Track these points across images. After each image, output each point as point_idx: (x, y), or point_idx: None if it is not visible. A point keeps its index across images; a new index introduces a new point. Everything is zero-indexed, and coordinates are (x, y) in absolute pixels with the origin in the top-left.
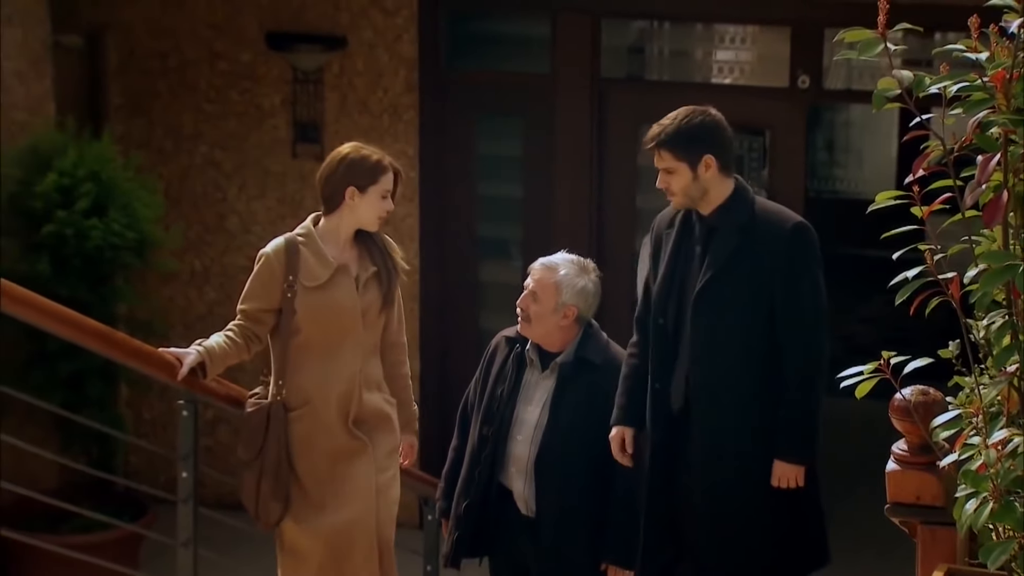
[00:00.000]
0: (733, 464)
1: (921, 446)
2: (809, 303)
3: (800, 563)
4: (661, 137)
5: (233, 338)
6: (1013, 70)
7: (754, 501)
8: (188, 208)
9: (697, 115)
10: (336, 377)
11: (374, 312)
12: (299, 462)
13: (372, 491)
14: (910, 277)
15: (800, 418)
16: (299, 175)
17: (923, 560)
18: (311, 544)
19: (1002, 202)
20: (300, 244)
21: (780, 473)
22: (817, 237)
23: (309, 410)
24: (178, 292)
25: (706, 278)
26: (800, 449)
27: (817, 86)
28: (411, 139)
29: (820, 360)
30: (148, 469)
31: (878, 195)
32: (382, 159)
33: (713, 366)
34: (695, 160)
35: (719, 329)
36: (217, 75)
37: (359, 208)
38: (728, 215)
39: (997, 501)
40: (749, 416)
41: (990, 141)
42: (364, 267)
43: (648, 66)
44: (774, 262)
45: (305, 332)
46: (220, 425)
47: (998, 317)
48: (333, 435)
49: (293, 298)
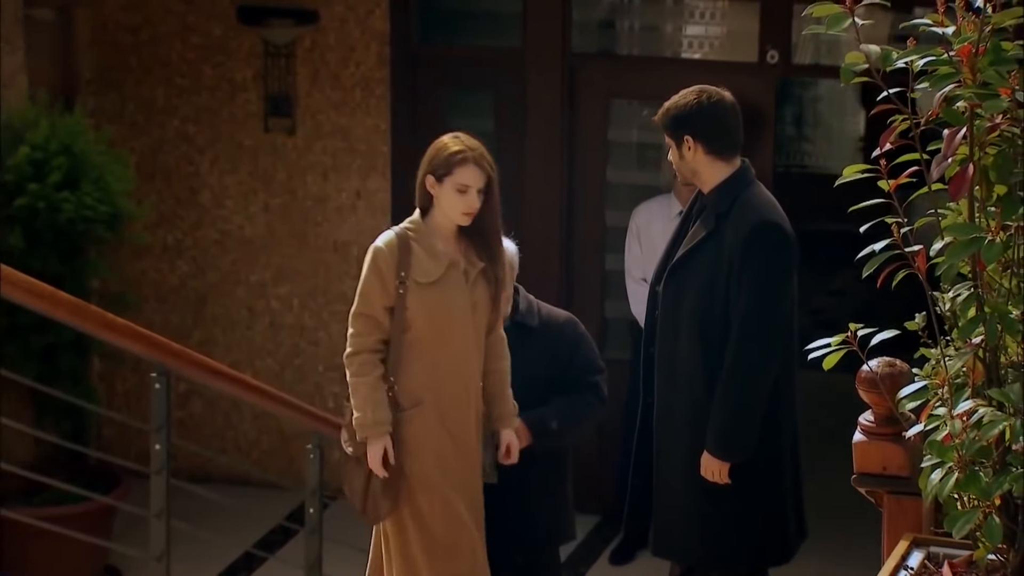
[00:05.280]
0: (684, 443)
1: (887, 417)
2: (748, 306)
3: (754, 557)
4: (658, 114)
5: (377, 379)
6: (979, 44)
7: (699, 484)
8: (160, 181)
9: (691, 97)
10: (448, 376)
11: (483, 309)
12: (410, 462)
13: (480, 494)
14: (877, 250)
15: (723, 416)
16: (271, 149)
17: (889, 529)
18: (417, 542)
19: (968, 175)
20: (411, 238)
21: (705, 464)
22: (786, 243)
23: (419, 411)
24: (150, 265)
25: (677, 257)
26: (720, 445)
27: (786, 61)
28: (383, 113)
29: (751, 364)
30: (121, 441)
31: (845, 169)
32: (462, 151)
33: (673, 343)
34: (679, 140)
35: (680, 309)
36: (189, 49)
37: (440, 200)
38: (715, 200)
39: (962, 471)
40: (698, 399)
41: (956, 115)
42: (472, 262)
43: (618, 41)
44: (731, 258)
45: (415, 329)
46: (193, 397)
47: (964, 289)
48: (444, 436)
49: (405, 294)
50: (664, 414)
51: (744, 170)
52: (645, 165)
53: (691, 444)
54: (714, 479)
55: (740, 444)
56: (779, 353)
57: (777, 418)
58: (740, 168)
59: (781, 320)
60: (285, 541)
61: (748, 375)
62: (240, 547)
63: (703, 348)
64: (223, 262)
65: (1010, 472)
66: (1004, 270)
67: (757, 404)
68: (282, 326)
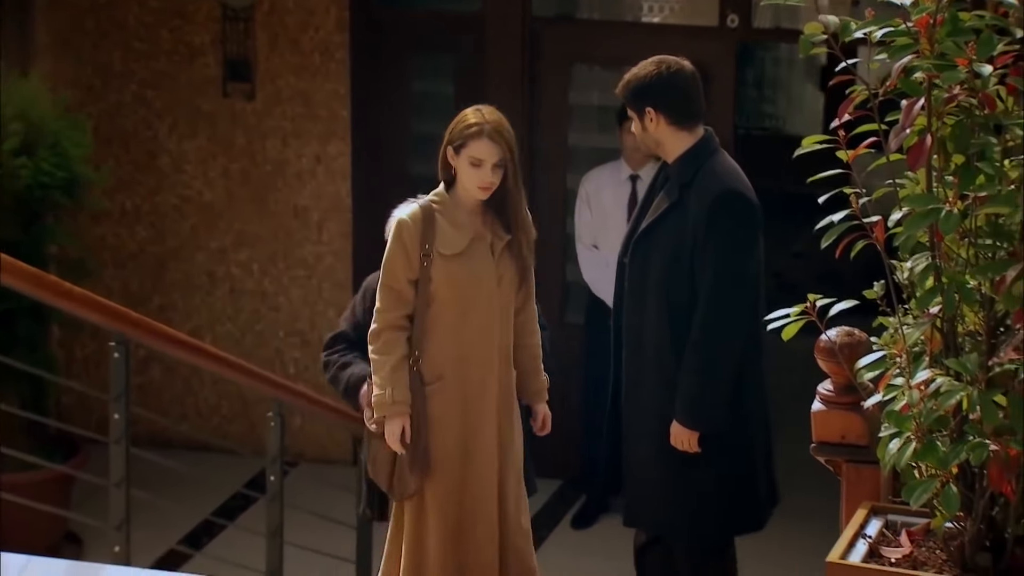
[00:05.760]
0: (654, 413)
1: (846, 386)
2: (713, 276)
3: (726, 527)
4: (619, 86)
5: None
6: (937, 15)
7: (670, 454)
8: (118, 147)
9: (651, 68)
10: (472, 351)
11: (509, 282)
12: (432, 438)
13: (495, 473)
14: (836, 221)
15: (691, 386)
16: (230, 114)
17: (848, 497)
18: (435, 520)
19: (926, 146)
20: (435, 210)
21: (674, 434)
22: (750, 212)
23: (441, 386)
24: (109, 231)
25: (643, 227)
26: (689, 415)
27: (746, 25)
28: (342, 78)
29: (718, 334)
30: (81, 408)
31: (804, 139)
32: (477, 123)
33: (640, 314)
34: (641, 112)
35: (646, 279)
36: (146, 12)
37: (459, 173)
38: (678, 170)
39: (920, 441)
40: (667, 370)
41: (914, 86)
42: (498, 235)
43: (579, 5)
44: (695, 228)
45: (439, 302)
46: (153, 363)
47: (922, 259)
48: (465, 412)
49: (429, 266)
50: (633, 385)
51: (707, 139)
52: (607, 128)
53: (661, 414)
54: (684, 448)
55: (709, 413)
56: (746, 322)
57: (746, 386)
58: (703, 137)
59: (747, 289)
60: (246, 507)
61: (715, 345)
62: (200, 514)
63: (670, 319)
64: (182, 227)
65: (967, 441)
66: (962, 239)
67: (725, 373)
68: (242, 292)
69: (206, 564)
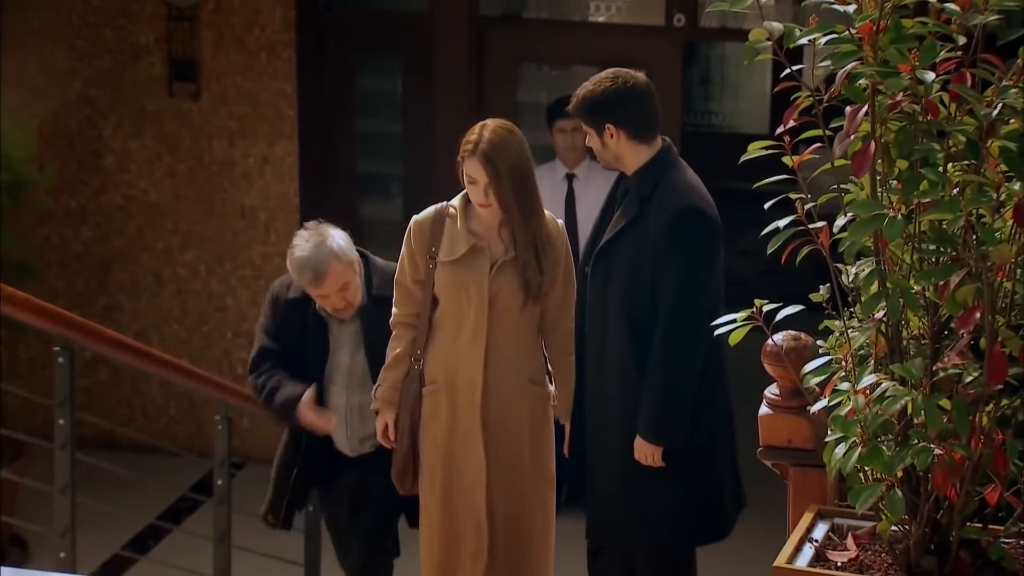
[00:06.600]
0: (617, 427)
1: (793, 390)
2: (673, 292)
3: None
4: (573, 103)
5: (397, 356)
6: (880, 22)
7: (634, 468)
8: (63, 146)
9: (607, 83)
10: (461, 361)
11: (508, 298)
12: (423, 438)
13: (482, 484)
14: (781, 227)
15: (653, 401)
16: (176, 113)
17: (794, 501)
18: (426, 522)
19: (870, 152)
20: (448, 215)
21: (637, 448)
22: (709, 227)
23: (433, 391)
24: (53, 231)
25: (603, 242)
26: (652, 430)
27: (693, 24)
28: (289, 77)
29: (679, 349)
30: (25, 410)
31: (750, 145)
32: (466, 143)
33: (603, 326)
34: (600, 129)
35: (608, 292)
36: (91, 11)
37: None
38: (638, 183)
39: (865, 445)
40: (629, 384)
41: (858, 92)
42: (507, 252)
43: (526, 4)
44: (655, 242)
45: (441, 307)
46: (99, 364)
47: (866, 265)
48: (453, 421)
49: (433, 269)
50: (596, 398)
51: (666, 151)
52: None
53: (624, 428)
54: (648, 463)
55: (672, 428)
56: (707, 337)
57: (710, 398)
58: (662, 149)
59: (708, 303)
60: (193, 510)
61: (676, 360)
62: (146, 518)
63: (632, 333)
64: (128, 228)
65: (912, 446)
66: (906, 244)
67: (687, 389)
68: (189, 293)
69: (152, 569)
